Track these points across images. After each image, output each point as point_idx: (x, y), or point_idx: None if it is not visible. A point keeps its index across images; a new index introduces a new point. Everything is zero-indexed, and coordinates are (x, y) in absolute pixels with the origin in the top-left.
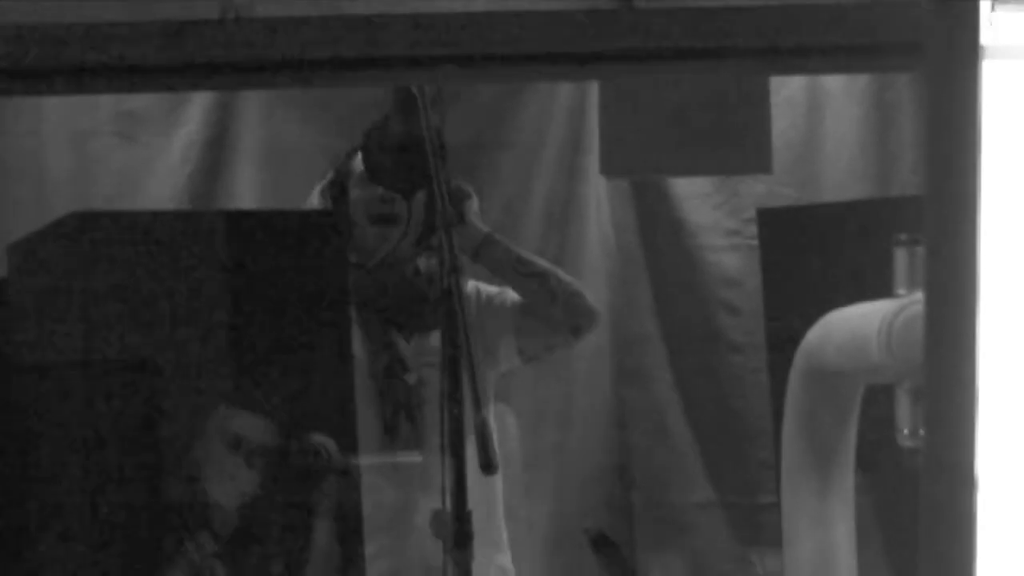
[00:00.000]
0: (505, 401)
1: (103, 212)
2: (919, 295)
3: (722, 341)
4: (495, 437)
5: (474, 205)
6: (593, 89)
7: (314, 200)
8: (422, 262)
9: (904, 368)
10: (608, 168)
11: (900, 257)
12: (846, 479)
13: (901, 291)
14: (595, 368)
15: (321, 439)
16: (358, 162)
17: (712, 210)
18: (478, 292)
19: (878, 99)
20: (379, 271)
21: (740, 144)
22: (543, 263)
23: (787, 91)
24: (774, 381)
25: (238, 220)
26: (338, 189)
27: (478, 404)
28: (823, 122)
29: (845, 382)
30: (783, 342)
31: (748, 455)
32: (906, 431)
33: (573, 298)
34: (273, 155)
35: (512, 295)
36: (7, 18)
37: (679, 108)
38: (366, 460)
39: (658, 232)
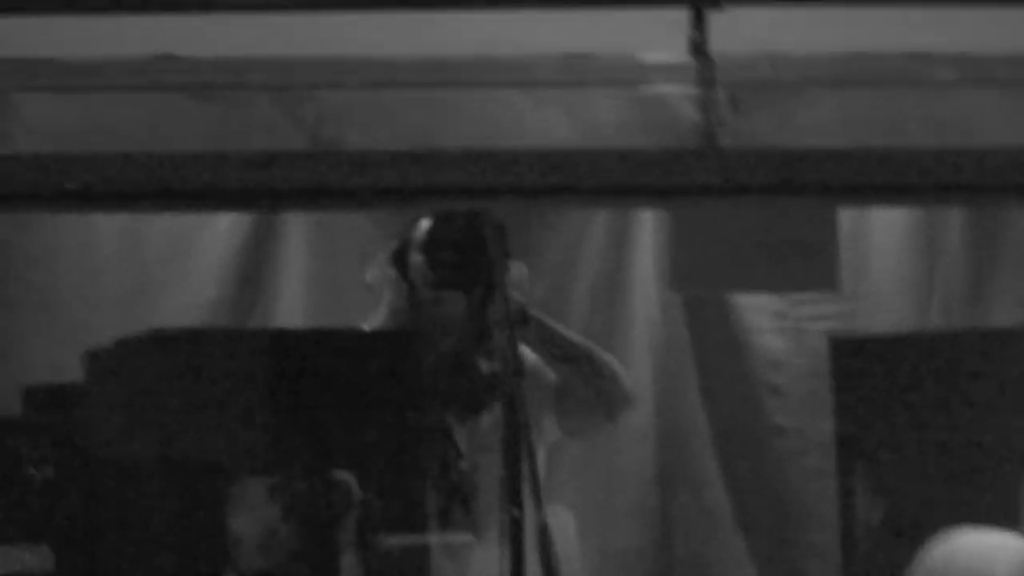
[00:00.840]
0: (561, 500)
1: (181, 331)
2: None
3: (766, 423)
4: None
5: (515, 276)
6: None
7: (377, 269)
8: (484, 363)
9: None
10: (677, 283)
11: None
12: None
13: None
14: (639, 448)
15: (342, 475)
16: (421, 228)
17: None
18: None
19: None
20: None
21: (807, 261)
22: (580, 342)
23: None
24: (844, 501)
25: (314, 340)
26: (403, 257)
27: (540, 505)
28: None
29: None
30: (854, 467)
31: (793, 538)
32: None
33: (608, 383)
34: (323, 225)
35: (550, 371)
36: (114, 146)
37: (747, 228)
38: (417, 539)
39: (704, 313)
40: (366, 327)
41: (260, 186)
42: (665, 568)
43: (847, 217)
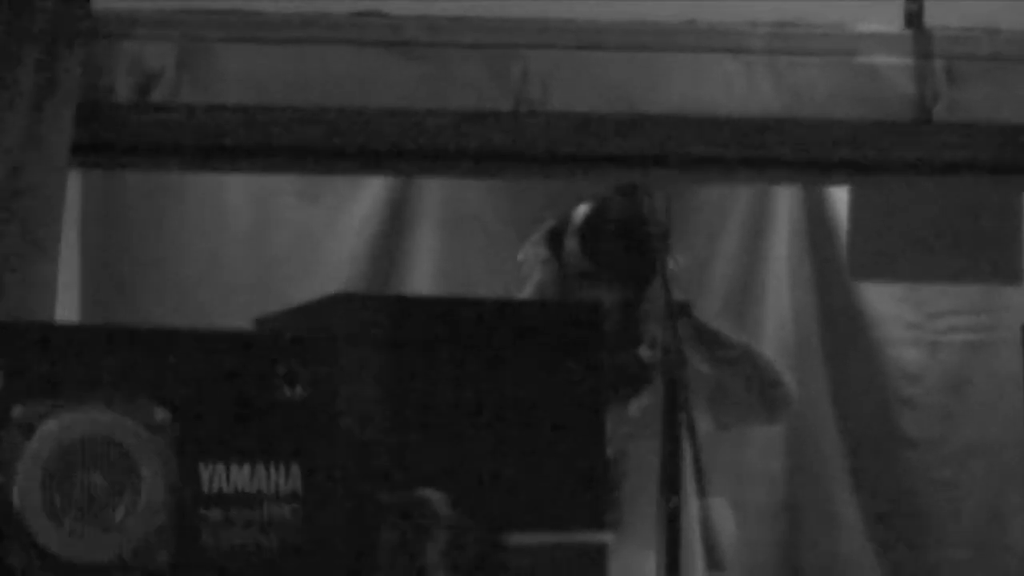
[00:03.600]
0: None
1: (364, 296)
2: None
3: (899, 436)
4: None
5: (671, 266)
6: None
7: (531, 248)
8: (644, 351)
9: None
10: (857, 271)
11: None
12: None
13: None
14: (767, 455)
15: (428, 493)
16: (580, 213)
17: (894, 303)
18: None
19: None
20: None
21: (990, 254)
22: (741, 343)
23: None
24: None
25: (498, 310)
26: (558, 239)
27: (704, 494)
28: None
29: None
30: None
31: (922, 553)
32: None
33: (770, 387)
34: (453, 220)
35: (705, 365)
36: (315, 100)
37: (930, 215)
38: (539, 539)
39: (838, 322)
40: None
41: (463, 145)
42: (792, 571)
43: None
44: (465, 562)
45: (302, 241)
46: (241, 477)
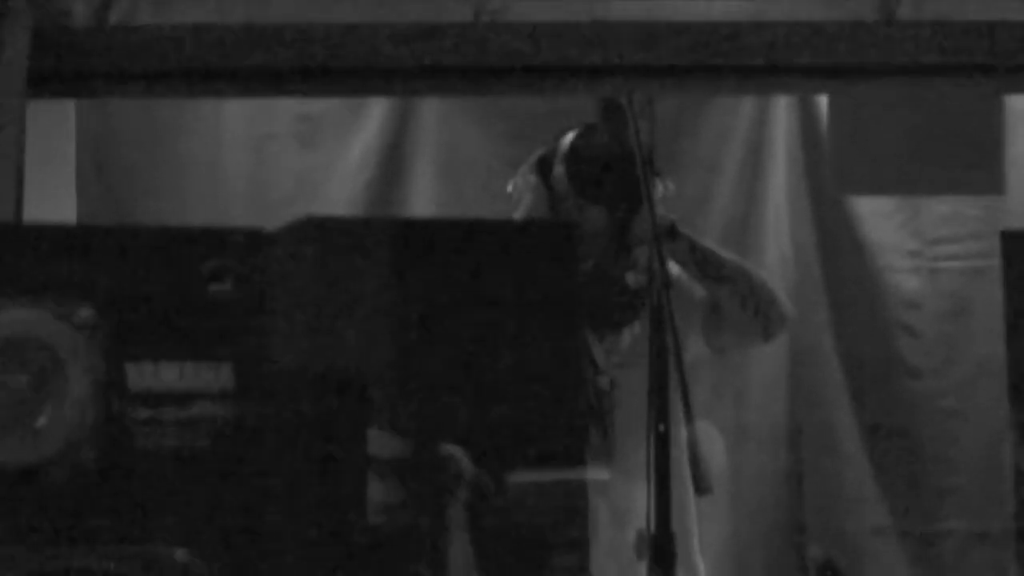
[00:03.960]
0: (707, 417)
1: (338, 218)
2: None
3: (900, 364)
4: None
5: (662, 193)
6: (776, 103)
7: (520, 177)
8: (630, 276)
9: None
10: (840, 186)
11: None
12: None
13: None
14: (770, 386)
15: (451, 449)
16: (566, 140)
17: (893, 230)
18: None
19: None
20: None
21: (972, 164)
22: (736, 262)
23: None
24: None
25: (472, 229)
26: (547, 166)
27: (690, 419)
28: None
29: None
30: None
31: (924, 481)
32: None
33: (765, 304)
34: (451, 162)
35: (700, 287)
36: (255, 18)
37: (911, 127)
38: (541, 476)
39: (838, 251)
40: None
41: (422, 60)
42: (794, 500)
43: None
44: (484, 517)
45: (300, 186)
46: (170, 375)
